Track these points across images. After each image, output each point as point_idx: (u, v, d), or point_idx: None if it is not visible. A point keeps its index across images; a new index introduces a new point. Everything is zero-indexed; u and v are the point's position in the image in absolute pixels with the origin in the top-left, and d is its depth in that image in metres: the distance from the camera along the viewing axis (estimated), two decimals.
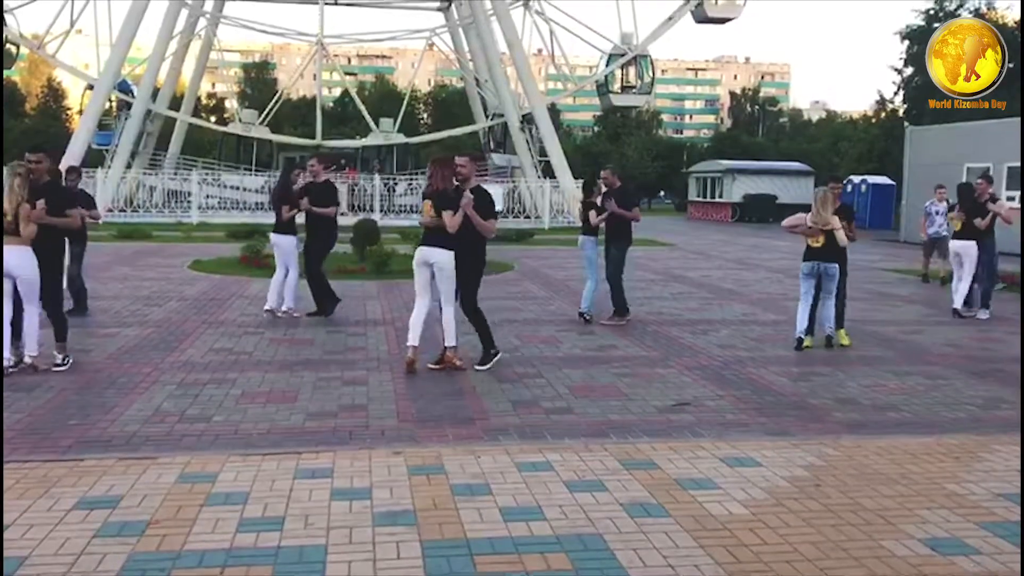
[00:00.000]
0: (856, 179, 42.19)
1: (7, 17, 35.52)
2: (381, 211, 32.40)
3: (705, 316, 12.01)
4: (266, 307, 11.04)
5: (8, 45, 36.64)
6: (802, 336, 9.69)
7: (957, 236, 12.58)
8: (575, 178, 35.32)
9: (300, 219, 11.22)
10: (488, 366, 8.21)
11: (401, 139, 43.21)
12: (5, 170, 7.66)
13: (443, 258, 7.96)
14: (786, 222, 10.03)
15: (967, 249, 12.39)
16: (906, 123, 40.37)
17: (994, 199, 12.68)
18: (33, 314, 7.82)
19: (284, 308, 11.03)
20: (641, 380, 7.94)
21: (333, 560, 4.05)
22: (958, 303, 12.41)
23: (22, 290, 7.71)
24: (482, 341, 8.38)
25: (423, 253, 8.10)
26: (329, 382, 7.68)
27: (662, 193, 75.64)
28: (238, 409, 6.73)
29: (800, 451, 5.86)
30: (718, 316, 12.04)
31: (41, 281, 7.78)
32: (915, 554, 4.21)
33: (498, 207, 32.35)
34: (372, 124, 42.99)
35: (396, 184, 36.42)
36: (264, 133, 42.50)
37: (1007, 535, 4.45)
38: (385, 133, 42.84)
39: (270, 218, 12.11)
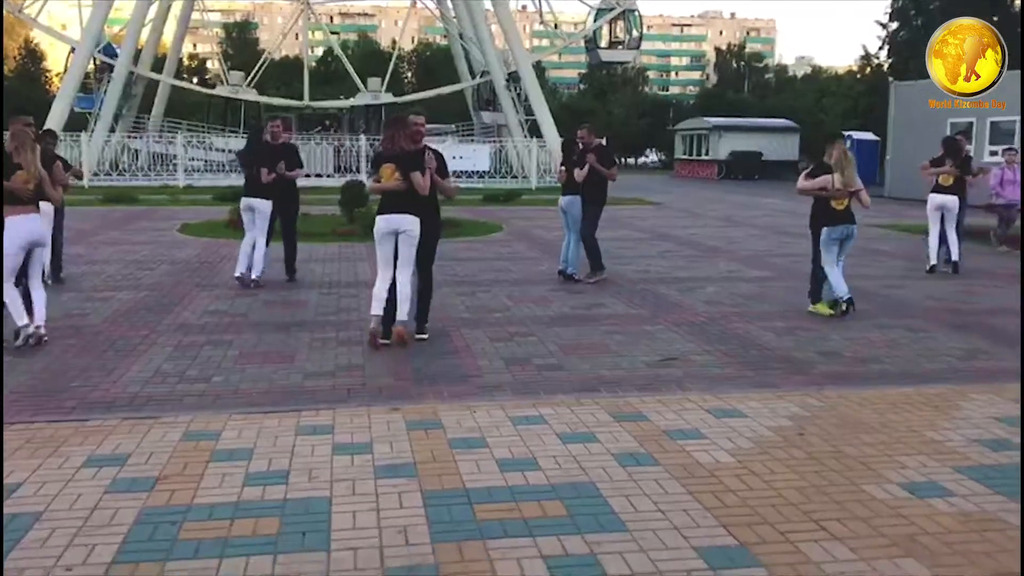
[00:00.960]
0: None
1: None
2: (368, 173, 32.33)
3: (692, 274, 12.18)
4: (237, 273, 10.68)
5: None
6: (849, 296, 9.11)
7: (944, 191, 12.57)
8: (561, 136, 35.27)
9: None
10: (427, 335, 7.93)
11: (390, 99, 42.93)
12: (10, 136, 7.47)
13: (413, 224, 7.66)
14: (807, 185, 9.39)
15: (954, 204, 12.53)
16: (890, 78, 40.37)
17: (969, 157, 12.87)
18: (38, 281, 7.69)
19: (255, 276, 10.61)
20: (630, 337, 8.11)
21: (338, 511, 4.22)
22: (956, 254, 12.39)
23: (37, 259, 7.56)
24: (425, 309, 8.11)
25: (390, 221, 7.70)
26: (325, 342, 7.82)
27: (648, 152, 75.50)
28: (236, 369, 6.87)
29: (784, 402, 6.06)
30: (704, 273, 12.22)
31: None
32: (893, 497, 4.42)
33: (486, 167, 32.04)
34: (360, 84, 42.70)
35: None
36: (252, 95, 42.18)
37: (980, 478, 4.67)
38: (373, 93, 42.56)
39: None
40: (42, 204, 8.11)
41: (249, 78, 43.24)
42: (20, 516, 4.12)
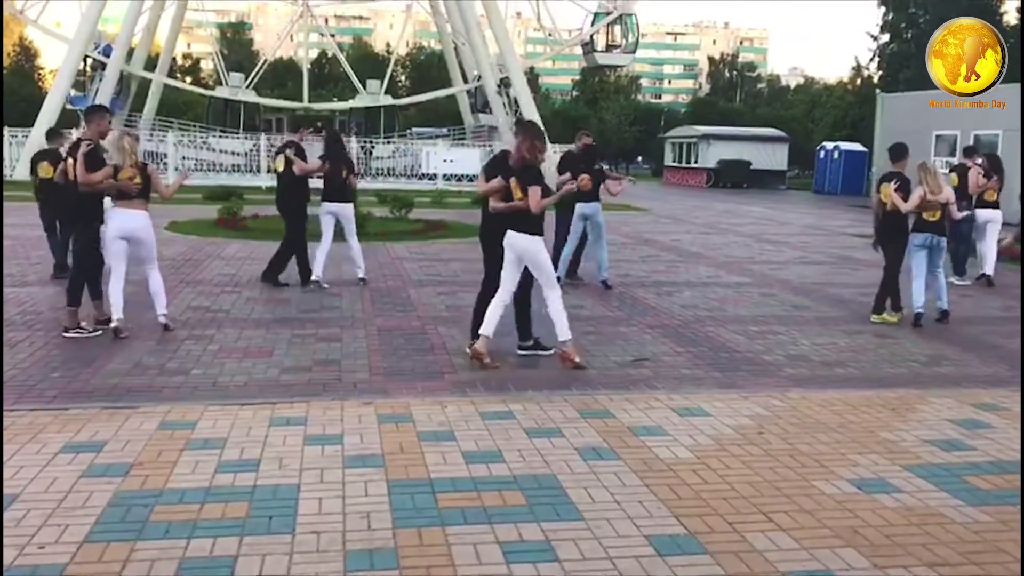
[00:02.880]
0: (829, 145, 42.65)
1: None
2: (358, 174, 32.53)
3: (671, 278, 12.35)
4: (314, 276, 10.71)
5: None
6: (921, 311, 9.26)
7: (989, 205, 12.82)
8: (552, 141, 35.42)
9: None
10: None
11: (389, 101, 43.41)
12: (114, 132, 8.29)
13: (533, 245, 7.09)
14: (911, 205, 9.20)
15: (999, 218, 12.94)
16: (878, 90, 40.69)
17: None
18: (157, 274, 8.28)
19: (362, 275, 11.00)
20: (604, 338, 8.27)
21: (305, 497, 4.37)
22: (991, 269, 12.73)
23: (145, 252, 8.17)
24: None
25: (512, 239, 7.12)
26: (304, 339, 7.97)
27: (639, 159, 75.84)
28: (216, 363, 7.01)
29: (748, 403, 6.23)
30: (683, 278, 12.40)
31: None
32: (841, 492, 4.59)
33: (476, 170, 32.13)
34: (359, 86, 43.12)
35: (373, 147, 36.56)
36: (251, 96, 42.44)
37: (928, 476, 4.85)
38: (373, 95, 42.95)
39: (247, 180, 12.02)
40: None
41: (249, 80, 43.42)
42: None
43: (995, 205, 12.92)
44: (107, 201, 8.26)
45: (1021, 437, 5.50)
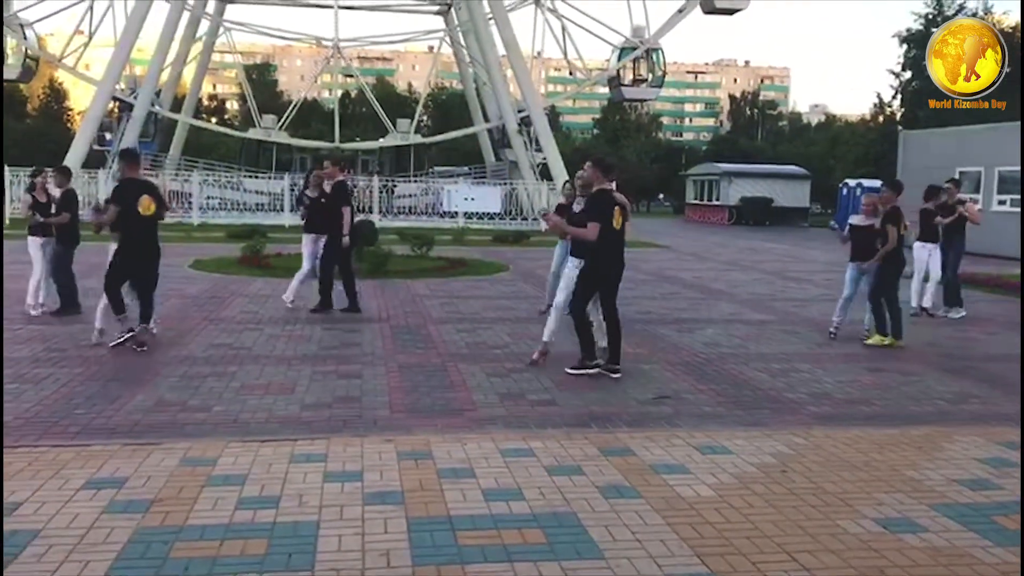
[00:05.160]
0: (852, 182, 42.50)
1: (27, 32, 36.64)
2: (380, 212, 32.85)
3: (692, 315, 12.30)
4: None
5: (27, 60, 37.67)
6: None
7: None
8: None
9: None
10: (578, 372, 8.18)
11: (418, 139, 44.05)
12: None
13: None
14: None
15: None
16: (899, 127, 40.61)
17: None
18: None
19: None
20: (625, 375, 8.22)
21: (324, 535, 4.36)
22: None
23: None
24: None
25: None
26: (325, 375, 7.98)
27: (661, 196, 75.97)
28: (237, 400, 7.04)
29: (771, 440, 6.17)
30: (705, 316, 12.34)
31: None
32: (866, 531, 4.52)
33: (497, 209, 32.24)
34: (390, 126, 43.83)
35: (395, 185, 36.89)
36: (283, 138, 43.18)
37: (954, 515, 4.77)
38: (403, 134, 43.58)
39: (271, 219, 12.26)
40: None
41: (281, 121, 44.19)
42: (19, 533, 4.28)
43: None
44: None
45: (1021, 474, 5.41)
